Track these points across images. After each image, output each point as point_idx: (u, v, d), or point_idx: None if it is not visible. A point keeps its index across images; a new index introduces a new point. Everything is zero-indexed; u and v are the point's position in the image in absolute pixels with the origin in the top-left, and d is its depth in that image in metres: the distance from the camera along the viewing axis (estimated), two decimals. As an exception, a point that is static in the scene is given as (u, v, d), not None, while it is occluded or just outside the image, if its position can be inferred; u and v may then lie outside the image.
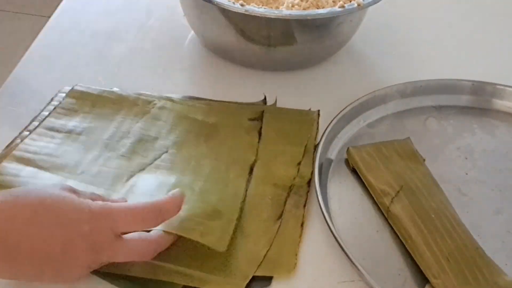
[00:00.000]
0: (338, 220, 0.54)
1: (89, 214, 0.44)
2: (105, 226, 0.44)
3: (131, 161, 0.58)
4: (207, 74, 0.73)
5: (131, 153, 0.58)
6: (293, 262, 0.50)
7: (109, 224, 0.45)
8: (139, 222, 0.46)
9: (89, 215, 0.44)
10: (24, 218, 0.43)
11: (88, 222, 0.44)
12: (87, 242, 0.44)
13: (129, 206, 0.47)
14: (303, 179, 0.57)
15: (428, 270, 0.49)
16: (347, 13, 0.64)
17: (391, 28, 0.83)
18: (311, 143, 0.61)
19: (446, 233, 0.51)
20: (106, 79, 0.69)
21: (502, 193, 0.58)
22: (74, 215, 0.44)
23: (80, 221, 0.44)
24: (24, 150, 0.57)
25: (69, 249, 0.43)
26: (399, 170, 0.57)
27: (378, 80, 0.72)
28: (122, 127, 0.61)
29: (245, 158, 0.59)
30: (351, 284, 0.50)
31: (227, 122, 0.63)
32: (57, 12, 0.81)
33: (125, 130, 0.61)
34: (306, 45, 0.68)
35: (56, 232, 0.43)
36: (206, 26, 0.70)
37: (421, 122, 0.66)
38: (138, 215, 0.46)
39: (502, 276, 0.49)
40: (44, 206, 0.44)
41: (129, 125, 0.61)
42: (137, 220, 0.46)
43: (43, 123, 0.60)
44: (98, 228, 0.44)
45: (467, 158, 0.62)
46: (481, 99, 0.68)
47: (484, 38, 0.82)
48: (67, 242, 0.43)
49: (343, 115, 0.62)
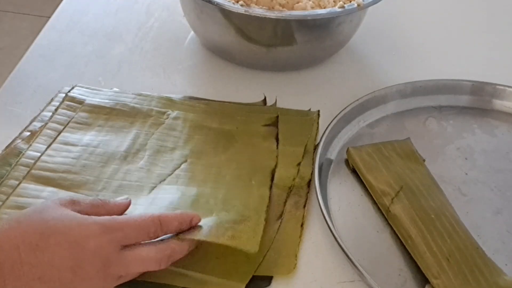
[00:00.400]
0: (338, 220, 0.54)
1: (96, 229, 0.44)
2: (112, 239, 0.44)
3: (151, 173, 0.57)
4: (207, 74, 0.73)
5: (150, 164, 0.58)
6: (293, 262, 0.50)
7: (115, 237, 0.44)
8: (144, 234, 0.46)
9: (95, 230, 0.44)
10: (32, 244, 0.42)
11: (94, 238, 0.43)
12: (96, 259, 0.43)
13: (135, 219, 0.46)
14: (303, 179, 0.57)
15: (428, 270, 0.49)
16: (347, 13, 0.64)
17: (391, 28, 0.83)
18: (311, 144, 0.61)
19: (446, 233, 0.51)
20: (106, 79, 0.69)
21: (502, 193, 0.58)
22: (79, 233, 0.43)
23: (86, 238, 0.43)
24: (42, 169, 0.56)
25: (79, 270, 0.43)
26: (399, 170, 0.57)
27: (378, 80, 0.72)
28: (139, 139, 0.60)
29: (265, 165, 0.58)
30: (351, 284, 0.50)
31: (243, 129, 0.62)
32: (57, 12, 0.81)
33: (142, 142, 0.60)
34: (306, 45, 0.68)
35: (65, 255, 0.42)
36: (206, 26, 0.70)
37: (421, 122, 0.66)
38: (143, 227, 0.46)
39: (502, 276, 0.49)
40: (49, 228, 0.43)
41: (145, 137, 0.61)
42: (143, 232, 0.46)
43: (59, 138, 0.59)
44: (104, 242, 0.44)
45: (467, 158, 0.62)
46: (481, 99, 0.68)
47: (484, 38, 0.83)
48: (77, 263, 0.43)
49: (343, 115, 0.62)
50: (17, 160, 0.56)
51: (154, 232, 0.46)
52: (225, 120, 0.63)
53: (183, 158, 0.58)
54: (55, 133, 0.60)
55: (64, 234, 0.43)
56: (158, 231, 0.46)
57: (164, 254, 0.46)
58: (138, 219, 0.46)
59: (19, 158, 0.56)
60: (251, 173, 0.57)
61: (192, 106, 0.65)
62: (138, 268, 0.46)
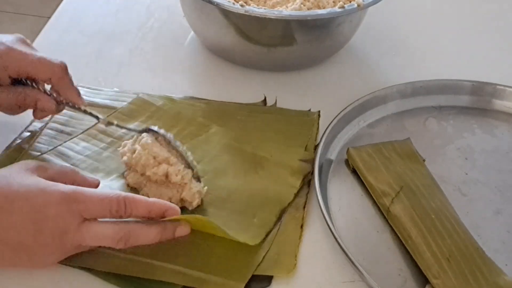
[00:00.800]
0: (338, 220, 0.54)
1: (58, 197, 0.45)
2: (74, 209, 0.45)
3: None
4: (207, 74, 0.73)
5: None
6: (293, 262, 0.50)
7: (77, 207, 0.45)
8: (106, 211, 0.46)
9: (58, 198, 0.45)
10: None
11: (56, 205, 0.44)
12: (55, 226, 0.44)
13: (99, 194, 0.47)
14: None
15: (428, 270, 0.49)
16: (347, 14, 0.64)
17: (391, 28, 0.83)
18: (311, 144, 0.61)
19: (446, 233, 0.51)
20: (106, 79, 0.69)
21: (502, 193, 0.58)
22: (43, 199, 0.45)
23: (48, 205, 0.44)
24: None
25: (39, 235, 0.44)
26: (399, 170, 0.57)
27: (378, 80, 0.72)
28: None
29: (278, 201, 0.55)
30: (351, 284, 0.50)
31: (276, 159, 0.59)
32: (57, 12, 0.81)
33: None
34: (306, 46, 0.68)
35: (27, 219, 0.44)
36: (206, 26, 0.70)
37: (421, 122, 0.66)
38: (106, 204, 0.46)
39: (502, 276, 0.49)
40: (13, 192, 0.45)
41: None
42: (105, 208, 0.46)
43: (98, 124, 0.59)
44: (65, 211, 0.45)
45: (467, 158, 0.62)
46: (481, 99, 0.68)
47: (484, 38, 0.83)
48: (37, 228, 0.44)
49: (343, 115, 0.62)
50: (17, 160, 0.56)
51: (117, 211, 0.46)
52: (261, 144, 0.61)
53: (202, 173, 0.56)
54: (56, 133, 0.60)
55: (27, 199, 0.45)
56: (121, 211, 0.46)
57: (121, 235, 0.46)
58: (102, 195, 0.46)
59: (19, 158, 0.56)
60: (258, 209, 0.54)
61: (192, 105, 0.65)
62: (94, 242, 0.46)
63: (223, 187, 0.56)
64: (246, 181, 0.57)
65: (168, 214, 0.48)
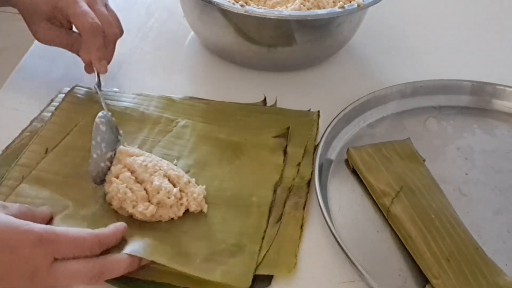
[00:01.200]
0: (338, 220, 0.54)
1: (33, 238, 0.43)
2: (45, 251, 0.44)
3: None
4: (207, 74, 0.73)
5: None
6: (293, 262, 0.50)
7: (49, 249, 0.44)
8: (79, 249, 0.45)
9: (33, 239, 0.43)
10: None
11: (28, 247, 0.43)
12: (25, 268, 0.43)
13: (72, 233, 0.46)
14: (303, 179, 0.57)
15: (428, 270, 0.49)
16: (347, 14, 0.64)
17: (391, 28, 0.83)
18: (311, 144, 0.61)
19: (446, 233, 0.52)
20: (106, 79, 0.69)
21: (502, 193, 0.58)
22: (16, 239, 0.43)
23: (21, 245, 0.43)
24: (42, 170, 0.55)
25: (7, 276, 0.43)
26: (399, 170, 0.57)
27: (378, 80, 0.72)
28: (145, 146, 0.59)
29: (269, 179, 0.57)
30: (351, 284, 0.50)
31: (251, 141, 0.61)
32: (57, 13, 0.81)
33: (148, 150, 0.58)
34: (306, 46, 0.68)
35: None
36: (206, 26, 0.70)
37: (421, 122, 0.66)
38: (79, 243, 0.45)
39: (502, 276, 0.49)
40: None
41: (151, 143, 0.60)
42: (78, 247, 0.45)
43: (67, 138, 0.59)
44: (37, 253, 0.43)
45: (467, 158, 0.62)
46: (481, 99, 0.68)
47: (484, 38, 0.83)
48: (6, 268, 0.43)
49: (343, 115, 0.62)
50: (16, 160, 0.56)
51: (91, 249, 0.45)
52: (233, 131, 0.62)
53: (186, 168, 0.57)
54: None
55: (2, 240, 0.43)
56: (96, 248, 0.46)
57: (94, 273, 0.45)
58: (75, 234, 0.45)
59: (19, 158, 0.56)
60: (254, 188, 0.56)
61: (192, 105, 0.65)
62: (67, 282, 0.45)
63: (212, 177, 0.57)
64: (232, 167, 0.58)
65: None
